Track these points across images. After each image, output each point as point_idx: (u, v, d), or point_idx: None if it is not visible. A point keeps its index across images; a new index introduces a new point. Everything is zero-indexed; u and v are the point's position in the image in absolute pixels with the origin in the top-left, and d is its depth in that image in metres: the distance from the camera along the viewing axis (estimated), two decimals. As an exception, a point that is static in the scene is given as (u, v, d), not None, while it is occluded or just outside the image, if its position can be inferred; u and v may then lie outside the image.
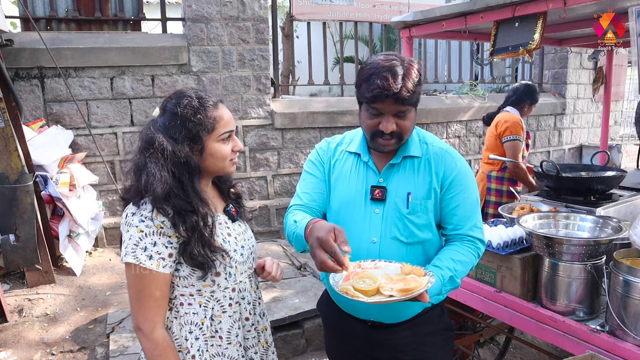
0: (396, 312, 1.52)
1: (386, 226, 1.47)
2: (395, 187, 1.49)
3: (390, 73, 1.35)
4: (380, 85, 1.34)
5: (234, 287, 1.38)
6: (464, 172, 1.52)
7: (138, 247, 1.24)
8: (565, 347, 1.84)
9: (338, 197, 1.55)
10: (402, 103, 1.37)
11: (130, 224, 1.25)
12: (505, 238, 2.09)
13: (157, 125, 1.32)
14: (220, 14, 4.60)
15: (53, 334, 3.02)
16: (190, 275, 1.31)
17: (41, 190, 3.59)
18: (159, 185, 1.23)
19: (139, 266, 1.23)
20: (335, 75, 6.20)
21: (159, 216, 1.25)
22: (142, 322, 1.26)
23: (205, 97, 1.33)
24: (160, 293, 1.27)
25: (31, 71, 4.11)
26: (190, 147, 1.30)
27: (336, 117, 5.18)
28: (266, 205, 5.00)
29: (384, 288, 1.23)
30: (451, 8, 2.87)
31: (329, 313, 1.69)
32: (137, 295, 1.26)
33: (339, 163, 1.58)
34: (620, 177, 2.52)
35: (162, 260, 1.25)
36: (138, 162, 1.29)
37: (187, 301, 1.33)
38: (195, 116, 1.29)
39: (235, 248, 1.39)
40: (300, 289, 3.51)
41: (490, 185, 3.76)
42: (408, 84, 1.35)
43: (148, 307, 1.26)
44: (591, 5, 2.34)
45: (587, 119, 7.34)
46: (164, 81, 4.50)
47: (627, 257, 1.77)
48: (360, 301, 1.21)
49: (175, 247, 1.27)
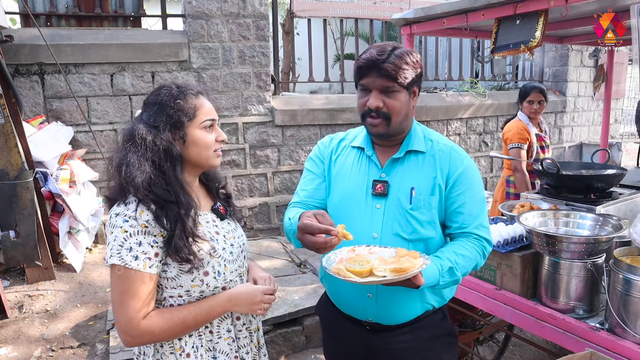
0: (394, 313, 1.48)
1: (387, 222, 1.44)
2: (398, 182, 1.46)
3: (377, 48, 1.40)
4: (365, 57, 1.40)
5: (223, 286, 1.34)
6: (471, 170, 1.49)
7: (123, 248, 1.20)
8: (564, 344, 1.84)
9: (339, 191, 1.53)
10: (387, 76, 1.37)
11: (115, 225, 1.22)
12: (505, 236, 2.09)
13: (138, 119, 1.31)
14: (220, 10, 4.59)
15: (53, 330, 3.03)
16: (178, 276, 1.27)
17: (41, 186, 3.58)
18: (139, 174, 1.21)
19: (125, 267, 1.19)
20: (335, 72, 6.19)
21: (143, 214, 1.22)
22: (126, 324, 1.20)
23: (185, 86, 1.33)
24: (146, 292, 1.22)
25: (31, 67, 4.10)
26: (173, 134, 1.28)
27: (336, 114, 5.18)
28: (266, 202, 5.00)
29: (377, 269, 1.20)
30: (452, 5, 2.86)
31: (328, 316, 1.66)
32: (121, 297, 1.21)
33: (341, 157, 1.57)
34: (620, 175, 2.52)
35: (148, 260, 1.21)
36: (119, 156, 1.27)
37: (177, 302, 1.30)
38: (174, 101, 1.28)
39: (224, 246, 1.35)
40: (300, 286, 3.51)
41: (509, 190, 3.78)
42: (395, 60, 1.37)
43: (132, 307, 1.20)
44: (593, 3, 2.34)
45: (587, 117, 7.33)
46: (164, 78, 4.49)
47: (627, 255, 1.77)
48: (352, 282, 1.19)
49: (161, 247, 1.24)
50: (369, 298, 1.47)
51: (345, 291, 1.52)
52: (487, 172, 6.37)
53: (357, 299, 1.49)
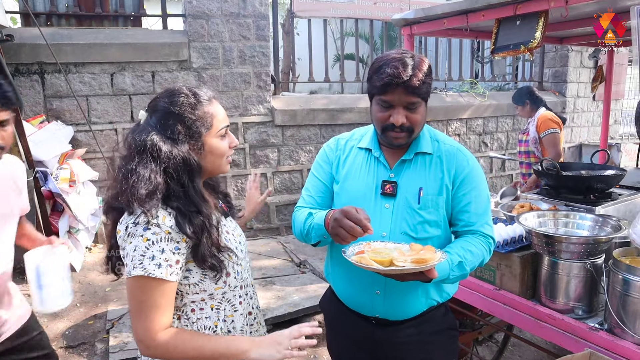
0: (401, 309, 1.52)
1: (396, 221, 1.48)
2: (407, 183, 1.49)
3: (400, 63, 1.37)
4: (391, 73, 1.36)
5: (241, 285, 1.36)
6: (476, 170, 1.54)
7: (145, 258, 1.15)
8: (564, 345, 1.84)
9: (347, 191, 1.55)
10: (413, 93, 1.37)
11: (134, 234, 1.16)
12: (504, 236, 2.09)
13: (150, 127, 1.24)
14: (220, 10, 4.59)
15: (53, 330, 3.03)
16: (202, 281, 1.25)
17: (41, 186, 3.58)
18: (143, 186, 1.16)
19: (148, 277, 1.15)
20: (335, 72, 6.19)
21: (166, 220, 1.18)
22: (144, 333, 1.18)
23: (200, 93, 1.28)
24: (165, 302, 1.19)
25: (31, 67, 4.10)
26: (190, 145, 1.24)
27: (337, 115, 5.18)
28: (266, 202, 4.99)
29: (397, 260, 1.24)
30: (452, 6, 2.86)
31: (333, 311, 1.69)
32: (139, 307, 1.18)
33: (350, 158, 1.59)
34: (619, 176, 2.52)
35: (169, 267, 1.17)
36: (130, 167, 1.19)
37: (199, 306, 1.28)
38: (193, 113, 1.24)
39: (236, 245, 1.36)
40: (300, 286, 3.51)
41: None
42: (419, 74, 1.37)
43: (151, 318, 1.17)
44: (593, 4, 2.34)
45: (587, 117, 7.34)
46: (165, 77, 4.49)
47: (626, 256, 1.77)
48: (374, 270, 1.23)
49: (183, 254, 1.20)
50: (377, 295, 1.51)
51: (354, 288, 1.56)
52: (487, 173, 6.38)
53: (365, 295, 1.52)
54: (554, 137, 3.83)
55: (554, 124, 3.86)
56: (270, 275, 3.74)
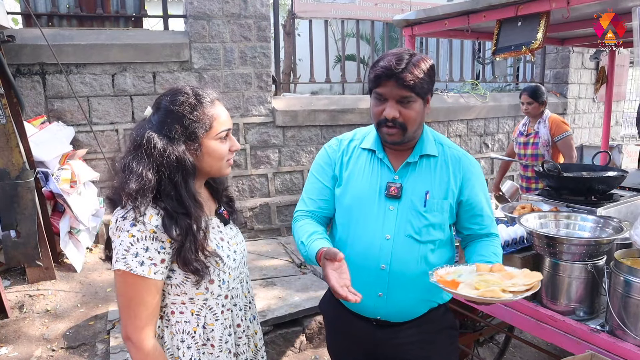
0: (403, 311, 1.52)
1: (400, 223, 1.47)
2: (412, 185, 1.49)
3: (395, 57, 1.39)
4: (384, 65, 1.38)
5: (226, 294, 1.33)
6: (481, 175, 1.59)
7: (129, 253, 1.17)
8: (565, 346, 1.84)
9: (351, 192, 1.54)
10: (404, 86, 1.37)
11: (122, 229, 1.18)
12: (506, 237, 2.09)
13: (150, 124, 1.25)
14: (222, 11, 4.59)
15: (54, 330, 3.03)
16: (183, 283, 1.25)
17: (42, 186, 3.59)
18: (134, 181, 1.17)
19: (130, 273, 1.17)
20: (336, 73, 6.19)
21: (152, 219, 1.18)
22: (132, 331, 1.19)
23: (202, 93, 1.27)
24: (151, 301, 1.20)
25: (32, 67, 4.11)
26: (187, 145, 1.24)
27: (338, 115, 5.18)
28: (267, 203, 5.00)
29: (509, 287, 1.28)
30: (454, 7, 2.86)
31: (333, 312, 1.68)
32: (128, 304, 1.20)
33: (353, 159, 1.58)
34: (621, 178, 2.51)
35: (153, 266, 1.18)
36: (126, 161, 1.22)
37: (179, 309, 1.28)
38: (192, 113, 1.23)
39: (229, 253, 1.33)
40: (301, 287, 3.51)
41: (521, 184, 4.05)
42: (413, 70, 1.37)
43: (139, 315, 1.19)
44: (594, 5, 2.33)
45: (588, 119, 7.33)
46: (166, 78, 4.50)
47: (627, 257, 1.77)
48: (506, 300, 1.26)
49: (169, 253, 1.21)
50: (380, 297, 1.50)
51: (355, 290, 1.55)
52: (487, 174, 6.37)
53: (367, 298, 1.51)
54: (569, 141, 3.79)
55: (567, 127, 3.84)
56: (271, 276, 3.74)
